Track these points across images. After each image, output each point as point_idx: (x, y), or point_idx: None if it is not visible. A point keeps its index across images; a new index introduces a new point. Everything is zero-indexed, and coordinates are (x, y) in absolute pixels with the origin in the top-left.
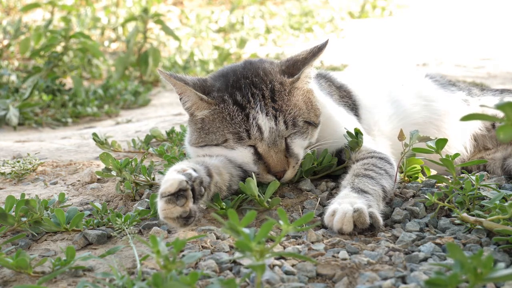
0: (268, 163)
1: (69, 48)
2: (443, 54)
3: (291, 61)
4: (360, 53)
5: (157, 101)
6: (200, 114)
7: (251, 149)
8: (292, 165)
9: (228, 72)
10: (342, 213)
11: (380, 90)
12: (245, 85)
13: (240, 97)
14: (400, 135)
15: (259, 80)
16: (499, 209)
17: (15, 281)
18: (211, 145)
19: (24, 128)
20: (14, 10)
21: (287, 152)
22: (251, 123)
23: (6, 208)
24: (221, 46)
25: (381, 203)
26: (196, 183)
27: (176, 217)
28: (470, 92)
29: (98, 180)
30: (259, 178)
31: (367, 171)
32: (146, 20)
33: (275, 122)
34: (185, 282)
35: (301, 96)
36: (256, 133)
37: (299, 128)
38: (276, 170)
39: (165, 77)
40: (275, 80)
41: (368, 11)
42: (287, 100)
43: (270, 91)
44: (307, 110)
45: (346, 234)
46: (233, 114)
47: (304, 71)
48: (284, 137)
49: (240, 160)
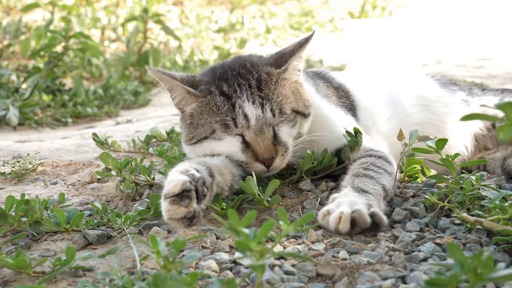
0: (255, 150)
1: (69, 48)
2: (443, 54)
3: (279, 54)
4: (360, 53)
5: (157, 101)
6: (188, 109)
7: (239, 138)
8: (281, 153)
9: (216, 66)
10: (338, 213)
11: (379, 90)
12: (232, 76)
13: (227, 88)
14: (399, 135)
15: (245, 71)
16: (499, 209)
17: (15, 281)
18: (201, 139)
19: (24, 128)
20: (14, 10)
21: (275, 140)
22: (238, 111)
23: (6, 208)
24: (221, 46)
25: (382, 202)
26: (199, 183)
27: (180, 217)
28: (471, 92)
29: (98, 180)
30: (248, 167)
31: (366, 170)
32: (146, 20)
33: (261, 110)
34: (185, 282)
35: (288, 86)
36: (243, 121)
37: (286, 116)
38: (264, 157)
39: (153, 73)
40: (262, 71)
41: (368, 11)
42: (274, 89)
43: (257, 81)
44: (295, 99)
45: (344, 234)
46: (219, 105)
47: (291, 62)
48: (272, 125)
49: (228, 150)
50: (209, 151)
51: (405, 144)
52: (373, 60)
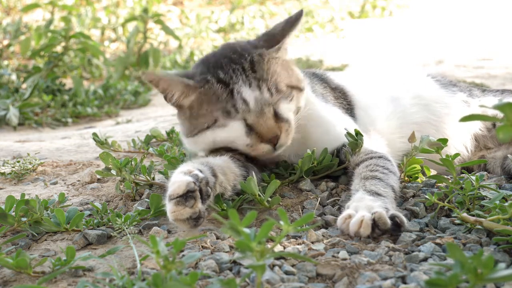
0: (259, 131)
1: (69, 48)
2: (443, 54)
3: (269, 35)
4: (360, 53)
5: (157, 101)
6: (187, 102)
7: (242, 122)
8: (285, 128)
9: (208, 57)
10: (360, 216)
11: (379, 89)
12: (226, 63)
13: (223, 75)
14: (411, 137)
15: (237, 56)
16: (499, 209)
17: (15, 281)
18: (203, 129)
19: (24, 128)
20: (14, 10)
21: (277, 118)
22: (236, 97)
23: (6, 208)
24: None
25: (394, 204)
26: (203, 183)
27: (186, 218)
28: (471, 93)
29: (98, 180)
30: (253, 150)
31: (373, 172)
32: (146, 20)
33: (259, 91)
34: (185, 282)
35: (280, 64)
36: (243, 106)
37: (283, 93)
38: (269, 137)
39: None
40: (254, 53)
41: (368, 11)
42: (267, 68)
43: (250, 63)
44: (289, 75)
45: (364, 237)
46: (218, 92)
47: (284, 41)
48: (271, 104)
49: (233, 136)
50: (211, 140)
51: (415, 147)
52: (373, 60)
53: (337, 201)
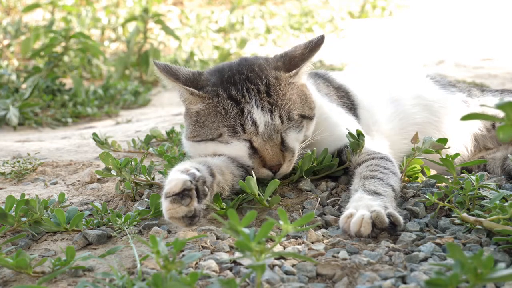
0: (263, 157)
1: (69, 48)
2: (443, 54)
3: (287, 57)
4: (360, 53)
5: (157, 101)
6: (195, 108)
7: (247, 143)
8: (288, 158)
9: (224, 68)
10: (359, 216)
11: (380, 90)
12: (240, 80)
13: (235, 92)
14: (414, 138)
15: (254, 75)
16: (499, 209)
17: (15, 281)
18: (206, 139)
19: (24, 128)
20: (14, 10)
21: (283, 146)
22: (246, 117)
23: (6, 208)
24: (221, 46)
25: (393, 203)
26: (199, 182)
27: (181, 216)
28: (470, 93)
29: (98, 180)
30: (254, 172)
31: (373, 172)
32: (146, 20)
33: (270, 117)
34: (185, 282)
35: (295, 90)
36: (251, 127)
37: (294, 122)
38: (272, 164)
39: (158, 70)
40: (271, 75)
41: (368, 11)
42: (282, 94)
43: (266, 86)
44: (301, 104)
45: (365, 236)
46: (227, 109)
47: (303, 67)
48: (280, 131)
49: (234, 154)
50: (211, 151)
51: (418, 148)
52: (373, 60)
53: (337, 201)
